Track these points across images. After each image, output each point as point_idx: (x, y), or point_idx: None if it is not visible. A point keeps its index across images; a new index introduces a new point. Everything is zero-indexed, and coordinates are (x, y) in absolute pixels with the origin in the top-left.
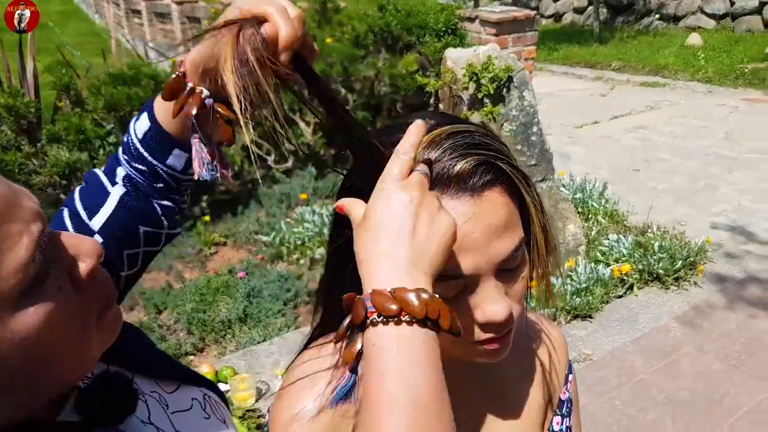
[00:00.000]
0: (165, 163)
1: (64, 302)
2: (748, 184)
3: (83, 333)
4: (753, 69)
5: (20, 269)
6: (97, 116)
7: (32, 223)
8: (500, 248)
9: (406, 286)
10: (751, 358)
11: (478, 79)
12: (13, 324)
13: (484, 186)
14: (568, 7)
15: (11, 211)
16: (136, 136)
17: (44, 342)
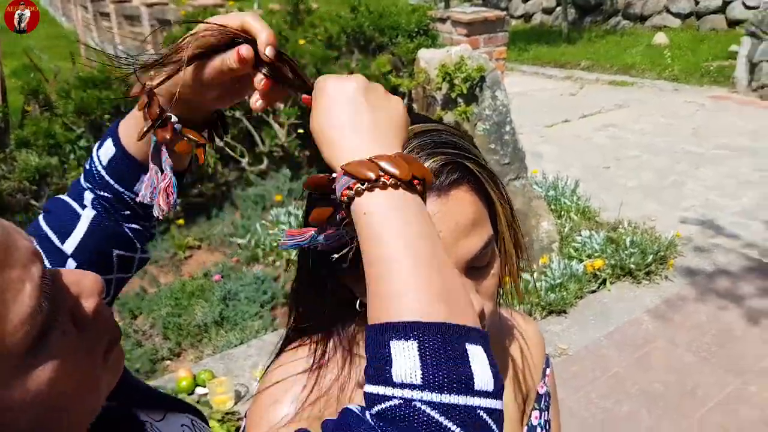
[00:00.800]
0: (132, 190)
1: (71, 350)
2: (715, 180)
3: (92, 378)
4: (718, 67)
5: (26, 320)
6: (67, 120)
7: (31, 266)
8: (468, 246)
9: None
10: (721, 350)
11: (451, 79)
12: (21, 384)
13: (451, 185)
14: (537, 8)
15: (8, 255)
16: (100, 163)
17: (55, 397)
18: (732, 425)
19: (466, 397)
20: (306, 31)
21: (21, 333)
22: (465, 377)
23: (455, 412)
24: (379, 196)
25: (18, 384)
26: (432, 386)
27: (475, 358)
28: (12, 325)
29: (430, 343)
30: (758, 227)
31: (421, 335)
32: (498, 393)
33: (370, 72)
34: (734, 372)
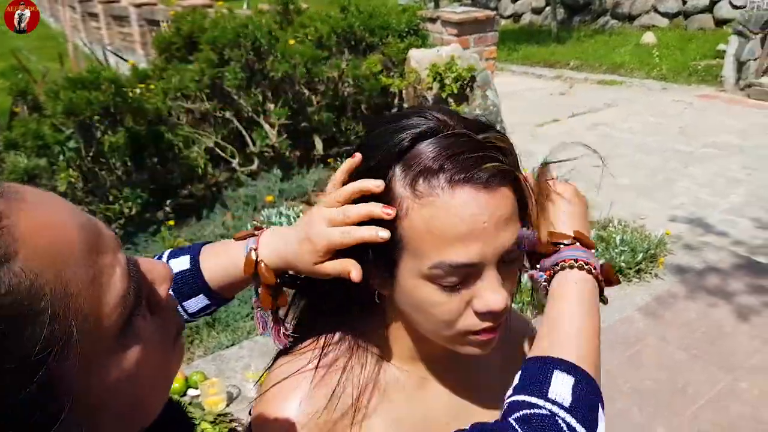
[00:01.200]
0: (182, 303)
1: (151, 332)
2: (705, 178)
3: (167, 363)
4: (705, 66)
5: (120, 303)
6: (55, 121)
7: (118, 253)
8: (505, 238)
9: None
10: (712, 347)
11: (441, 79)
12: (116, 362)
13: (499, 183)
14: (527, 8)
15: (100, 241)
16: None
17: (142, 378)
18: (723, 422)
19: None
20: (296, 31)
21: (115, 315)
22: (593, 422)
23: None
24: (587, 276)
25: (114, 364)
26: (573, 412)
27: (600, 418)
28: (108, 308)
29: (582, 385)
30: (747, 225)
31: (579, 377)
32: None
33: (361, 72)
34: (725, 369)
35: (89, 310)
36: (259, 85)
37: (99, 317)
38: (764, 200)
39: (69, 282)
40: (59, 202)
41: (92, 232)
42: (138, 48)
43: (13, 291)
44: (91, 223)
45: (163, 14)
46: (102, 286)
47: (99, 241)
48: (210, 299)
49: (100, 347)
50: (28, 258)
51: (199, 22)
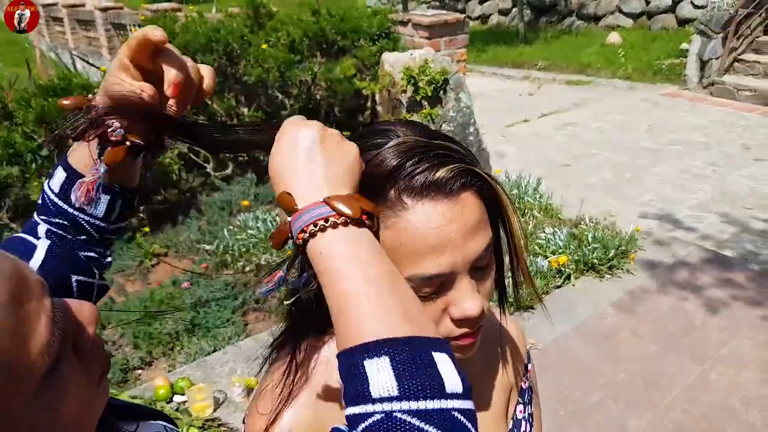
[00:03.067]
0: (85, 213)
1: (75, 376)
2: (671, 175)
3: (91, 404)
4: (669, 65)
5: (44, 351)
6: (27, 129)
7: (44, 298)
8: (475, 246)
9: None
10: (683, 340)
11: (415, 82)
12: (38, 411)
13: (460, 189)
14: (494, 9)
15: (24, 289)
16: (52, 191)
17: (64, 422)
18: (696, 412)
19: (441, 401)
20: (268, 34)
21: (39, 363)
22: (436, 383)
23: (433, 416)
24: (332, 235)
25: (38, 410)
26: (408, 396)
27: (443, 364)
28: (32, 357)
29: (400, 355)
30: (713, 220)
31: (391, 350)
32: (467, 393)
33: (334, 75)
34: (696, 361)
35: (12, 360)
36: (232, 89)
37: (22, 367)
38: (729, 195)
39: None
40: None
41: (16, 279)
42: (104, 52)
43: None
44: (15, 269)
45: (129, 18)
46: (25, 336)
47: (23, 288)
48: (107, 192)
49: (24, 395)
50: None
51: (170, 27)
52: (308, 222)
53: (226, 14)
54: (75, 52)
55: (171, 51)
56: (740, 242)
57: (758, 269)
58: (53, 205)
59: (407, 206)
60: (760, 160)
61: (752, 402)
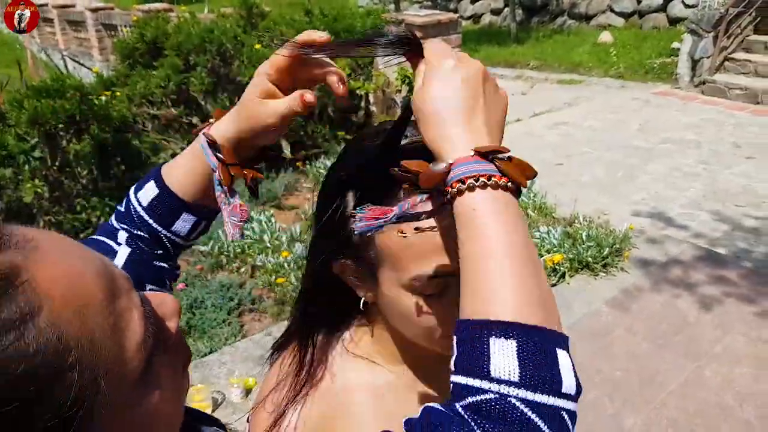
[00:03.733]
0: (170, 228)
1: (165, 372)
2: (663, 173)
3: (180, 396)
4: (661, 64)
5: (140, 347)
6: (20, 130)
7: (132, 294)
8: None
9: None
10: (677, 337)
11: (410, 82)
12: (139, 406)
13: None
14: (486, 9)
15: (115, 285)
16: (139, 204)
17: (162, 415)
18: (690, 408)
19: (555, 399)
20: (261, 35)
21: (137, 360)
22: (556, 380)
23: (544, 410)
24: (489, 195)
25: (137, 408)
26: (527, 385)
27: (564, 363)
28: (130, 353)
29: (528, 345)
30: (705, 217)
31: (521, 336)
32: (577, 397)
33: None
34: (690, 358)
35: (114, 359)
36: (225, 90)
37: (123, 365)
38: (720, 193)
39: (93, 332)
40: (72, 247)
41: (107, 275)
42: (95, 53)
43: (41, 350)
44: (104, 265)
45: (120, 19)
46: (122, 332)
47: (114, 284)
48: (194, 214)
49: (124, 396)
50: (53, 313)
51: (163, 28)
52: (469, 174)
53: (219, 15)
54: (66, 53)
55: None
56: (732, 240)
57: (750, 266)
58: (138, 218)
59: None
60: (751, 158)
61: (746, 398)
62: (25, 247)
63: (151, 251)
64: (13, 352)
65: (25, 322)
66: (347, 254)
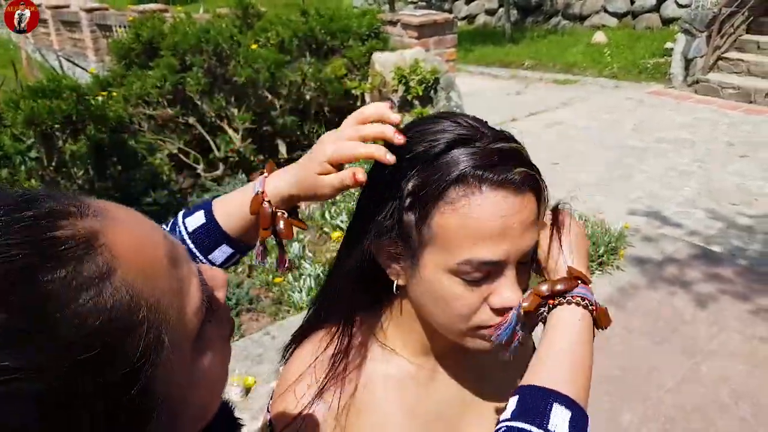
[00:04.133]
0: (207, 256)
1: (215, 339)
2: (658, 172)
3: (225, 364)
4: (654, 64)
5: (198, 311)
6: (16, 131)
7: (191, 263)
8: (528, 240)
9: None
10: (673, 334)
11: (407, 82)
12: (195, 366)
13: (527, 190)
14: (480, 9)
15: (177, 254)
16: (185, 229)
17: (212, 376)
18: (687, 405)
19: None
20: (257, 35)
21: (193, 324)
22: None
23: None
24: (589, 316)
25: (192, 370)
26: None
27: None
28: (189, 317)
29: (578, 421)
30: (700, 216)
31: (576, 413)
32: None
33: (324, 75)
34: (686, 355)
35: (176, 320)
36: (221, 90)
37: (183, 326)
38: (715, 192)
39: (161, 294)
40: (143, 218)
41: (171, 245)
42: (90, 54)
43: (116, 306)
44: (168, 236)
45: (115, 19)
46: (184, 297)
47: (177, 253)
48: (232, 247)
49: (182, 354)
50: (126, 274)
51: (158, 28)
52: (583, 295)
53: (215, 15)
54: (60, 53)
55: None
56: (727, 238)
57: (745, 264)
58: (181, 240)
59: (483, 192)
60: (745, 156)
61: (741, 395)
62: (101, 215)
63: None
64: (92, 307)
65: (102, 281)
66: (395, 234)
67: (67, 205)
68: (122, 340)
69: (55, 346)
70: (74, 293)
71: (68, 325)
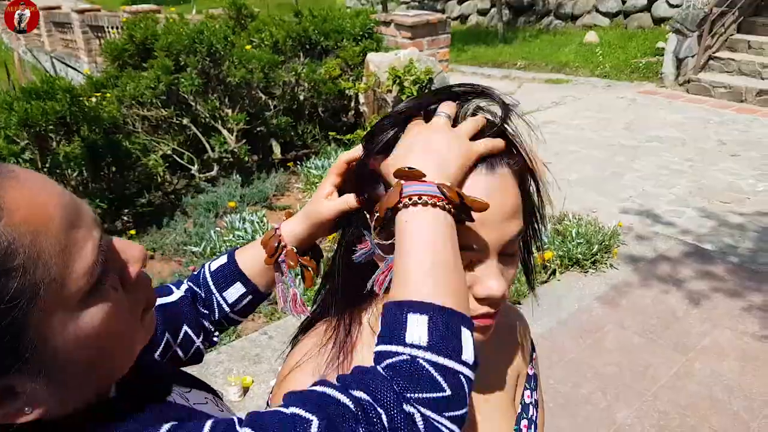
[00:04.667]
0: (222, 293)
1: (118, 302)
2: (650, 171)
3: (132, 330)
4: (646, 63)
5: (87, 272)
6: (9, 133)
7: (94, 230)
8: (510, 229)
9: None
10: (667, 331)
11: (401, 82)
12: (79, 322)
13: (503, 166)
14: (473, 9)
15: (77, 218)
16: (209, 269)
17: (103, 338)
18: (682, 401)
19: (455, 363)
20: (251, 35)
21: (83, 281)
22: (457, 349)
23: (446, 371)
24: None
25: (80, 321)
26: (433, 349)
27: (466, 338)
28: (76, 274)
29: (437, 319)
30: (692, 214)
31: (432, 313)
32: (475, 367)
33: (317, 76)
34: (680, 351)
35: (57, 273)
36: (215, 90)
37: (66, 280)
38: (706, 190)
39: (41, 249)
40: (48, 184)
41: (72, 210)
42: (82, 55)
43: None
44: (73, 202)
45: (107, 20)
46: (72, 255)
47: (77, 218)
48: (245, 286)
49: (66, 305)
50: (8, 224)
51: (152, 29)
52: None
53: (207, 16)
54: (52, 54)
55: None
56: (719, 236)
57: (737, 262)
58: (203, 278)
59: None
60: (736, 155)
61: (734, 390)
62: (4, 174)
63: (200, 307)
64: None
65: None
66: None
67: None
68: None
69: None
70: None
71: None
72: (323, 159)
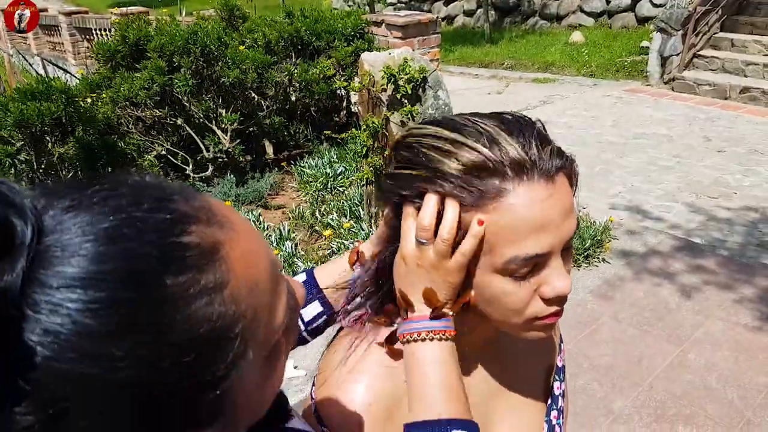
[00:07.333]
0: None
1: (284, 349)
2: (638, 167)
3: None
4: (631, 62)
5: (281, 326)
6: (5, 134)
7: (284, 280)
8: (570, 227)
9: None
10: (660, 323)
11: (396, 81)
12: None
13: (557, 171)
14: (459, 10)
15: (277, 269)
16: None
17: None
18: (676, 390)
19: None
20: (244, 36)
21: (276, 336)
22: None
23: None
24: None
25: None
26: None
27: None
28: (273, 330)
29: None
30: (680, 209)
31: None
32: None
33: (310, 76)
34: (674, 342)
35: (262, 335)
36: (209, 91)
37: (266, 341)
38: (694, 185)
39: (257, 310)
40: (255, 231)
41: (274, 260)
42: (69, 57)
43: (221, 317)
44: (270, 249)
45: (95, 23)
46: (274, 312)
47: (276, 268)
48: (323, 305)
49: (257, 365)
50: (235, 287)
51: (144, 30)
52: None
53: (199, 17)
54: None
55: None
56: (707, 230)
57: (726, 254)
58: None
59: (508, 190)
60: (722, 151)
61: (728, 380)
62: (226, 226)
63: None
64: (202, 315)
65: (216, 292)
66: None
67: (197, 209)
68: (216, 351)
69: (161, 345)
70: (190, 299)
71: (178, 329)
72: (316, 158)
